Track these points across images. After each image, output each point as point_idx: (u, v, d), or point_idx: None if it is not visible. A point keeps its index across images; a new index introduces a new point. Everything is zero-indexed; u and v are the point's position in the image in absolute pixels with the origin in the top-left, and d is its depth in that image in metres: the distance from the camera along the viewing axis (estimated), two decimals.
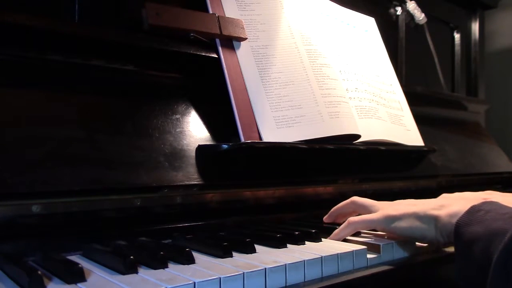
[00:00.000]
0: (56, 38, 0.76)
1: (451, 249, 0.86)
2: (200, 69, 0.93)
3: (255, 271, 0.58)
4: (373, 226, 0.80)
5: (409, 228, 0.76)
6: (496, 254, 0.59)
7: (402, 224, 0.76)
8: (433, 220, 0.74)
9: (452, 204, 0.73)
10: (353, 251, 0.70)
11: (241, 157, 0.87)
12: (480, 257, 0.62)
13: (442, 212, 0.73)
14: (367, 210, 0.83)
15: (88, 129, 0.74)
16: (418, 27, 1.57)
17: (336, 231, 0.81)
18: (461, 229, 0.67)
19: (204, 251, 0.69)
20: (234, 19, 0.96)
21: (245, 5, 1.02)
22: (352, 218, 0.81)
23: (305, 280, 0.63)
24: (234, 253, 0.67)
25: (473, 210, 0.69)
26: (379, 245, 0.74)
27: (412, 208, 0.77)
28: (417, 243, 0.80)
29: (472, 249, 0.64)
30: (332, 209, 0.90)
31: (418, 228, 0.75)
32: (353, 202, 0.87)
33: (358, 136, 1.05)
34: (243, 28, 0.97)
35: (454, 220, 0.69)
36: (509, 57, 2.15)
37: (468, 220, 0.67)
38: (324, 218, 0.91)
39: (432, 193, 0.95)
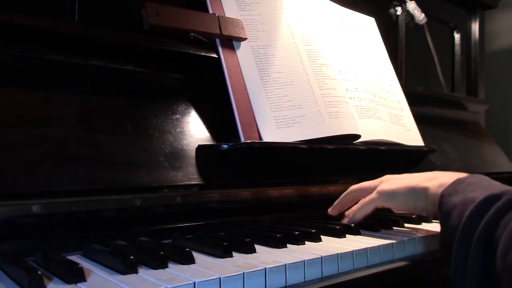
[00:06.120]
0: (56, 38, 0.76)
1: None
2: (200, 69, 0.93)
3: (255, 271, 0.58)
4: (373, 206, 0.85)
5: (403, 201, 0.82)
6: (464, 218, 0.65)
7: (397, 198, 0.83)
8: (423, 191, 0.79)
9: (441, 177, 0.78)
10: (353, 251, 0.70)
11: (241, 157, 0.87)
12: (455, 223, 0.68)
13: (431, 184, 0.78)
14: (367, 191, 0.88)
15: (88, 129, 0.74)
16: (418, 27, 1.57)
17: (348, 219, 0.88)
18: (444, 198, 0.72)
19: (204, 251, 0.69)
20: (234, 19, 0.96)
21: (245, 5, 1.02)
22: (354, 207, 0.88)
23: (305, 280, 0.63)
24: (234, 253, 0.67)
25: (457, 182, 0.74)
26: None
27: (405, 182, 0.83)
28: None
29: (450, 216, 0.69)
30: (335, 202, 0.94)
31: (411, 200, 0.81)
32: (352, 191, 0.91)
33: (358, 136, 1.05)
34: (243, 28, 0.97)
35: (440, 191, 0.74)
36: (509, 57, 2.15)
37: (452, 191, 0.72)
38: (329, 210, 0.94)
39: None
